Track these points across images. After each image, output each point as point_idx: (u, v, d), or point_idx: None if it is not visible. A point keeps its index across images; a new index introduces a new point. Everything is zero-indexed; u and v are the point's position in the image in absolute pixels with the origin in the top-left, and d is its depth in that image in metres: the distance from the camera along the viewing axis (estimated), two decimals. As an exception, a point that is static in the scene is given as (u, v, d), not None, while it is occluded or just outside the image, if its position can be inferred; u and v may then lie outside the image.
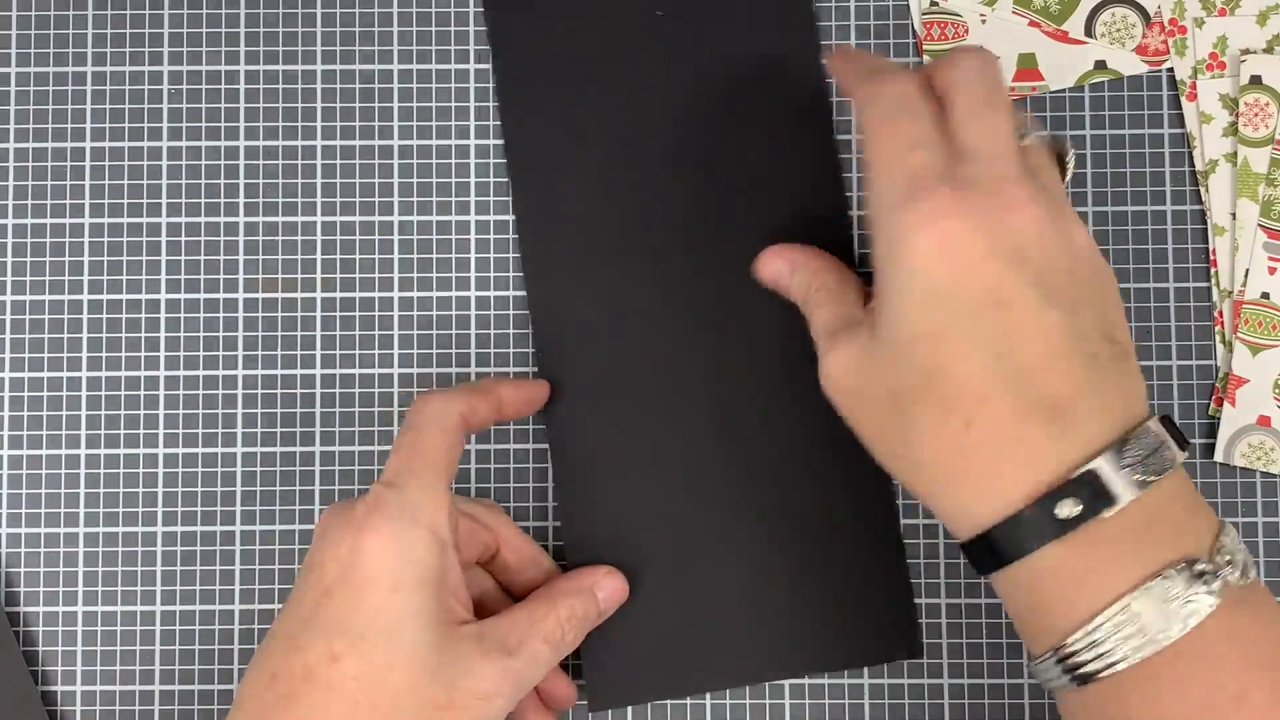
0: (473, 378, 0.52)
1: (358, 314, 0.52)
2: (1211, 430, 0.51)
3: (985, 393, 0.38)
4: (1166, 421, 0.40)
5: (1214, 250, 0.52)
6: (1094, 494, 0.38)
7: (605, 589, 0.48)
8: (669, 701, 0.51)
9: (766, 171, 0.52)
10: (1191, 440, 0.51)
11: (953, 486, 0.39)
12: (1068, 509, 0.37)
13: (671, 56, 0.52)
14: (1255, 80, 0.52)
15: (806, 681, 0.51)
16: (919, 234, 0.39)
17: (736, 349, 0.51)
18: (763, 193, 0.52)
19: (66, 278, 0.53)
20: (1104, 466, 0.38)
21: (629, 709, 0.51)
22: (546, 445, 0.51)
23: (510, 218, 0.53)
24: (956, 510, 0.40)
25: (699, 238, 0.52)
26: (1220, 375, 0.52)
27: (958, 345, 0.39)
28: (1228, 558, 0.38)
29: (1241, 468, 0.51)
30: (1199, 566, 0.37)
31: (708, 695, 0.51)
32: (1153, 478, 0.38)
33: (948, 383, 0.39)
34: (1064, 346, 0.38)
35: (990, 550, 0.39)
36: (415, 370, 0.52)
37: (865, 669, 0.51)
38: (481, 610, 0.48)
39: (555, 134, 0.52)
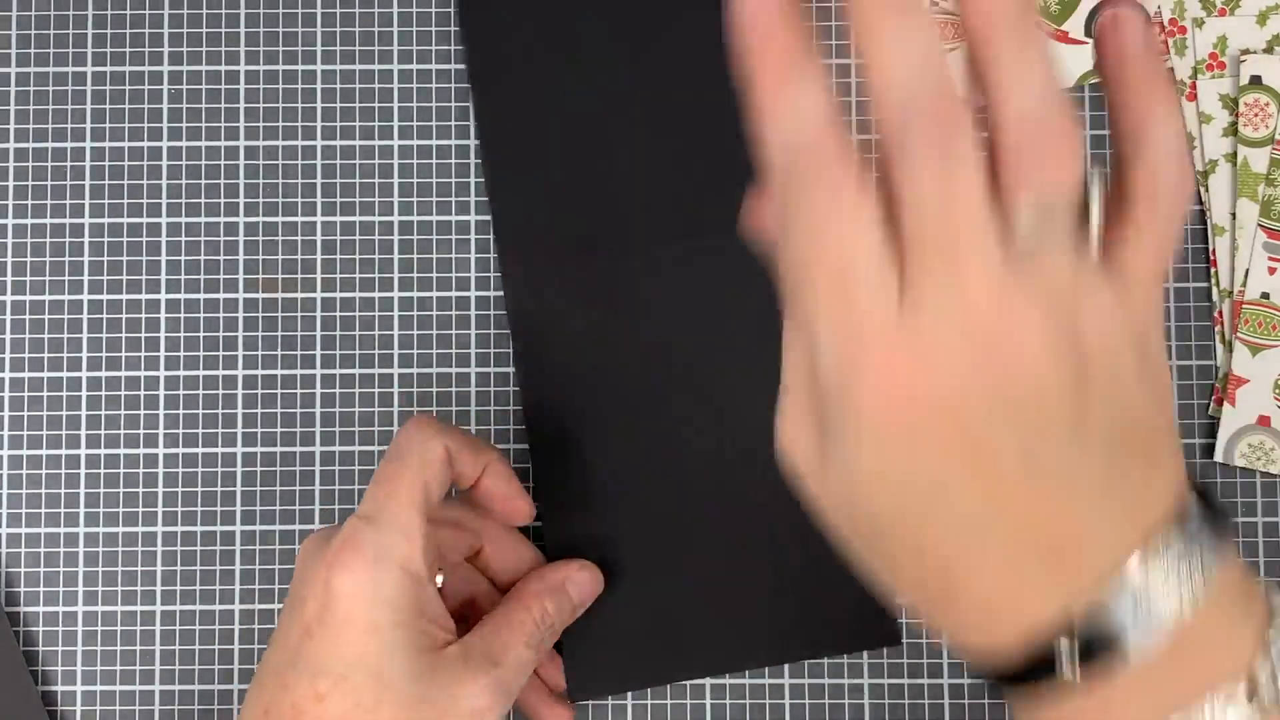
0: (472, 378, 0.52)
1: (358, 314, 0.52)
2: (1211, 430, 0.51)
3: (962, 544, 0.32)
4: (1203, 502, 0.32)
5: (1214, 250, 0.52)
6: (1099, 638, 0.31)
7: (578, 583, 0.48)
8: (669, 702, 0.51)
9: (744, 158, 0.52)
10: (1191, 440, 0.51)
11: (938, 615, 0.34)
12: (1067, 662, 0.31)
13: (646, 42, 0.52)
14: (1255, 80, 0.52)
15: (806, 681, 0.51)
16: (865, 403, 0.31)
17: (715, 340, 0.51)
18: (741, 180, 0.52)
19: (66, 278, 0.53)
20: (1109, 604, 0.31)
21: (628, 708, 0.51)
22: (527, 443, 0.52)
23: (510, 218, 0.53)
24: (948, 632, 0.34)
25: (676, 227, 0.52)
26: (1220, 375, 0.52)
27: (921, 502, 0.32)
28: (1270, 672, 0.32)
29: (1241, 468, 0.51)
30: (1228, 696, 0.31)
31: (707, 695, 0.51)
32: (1172, 610, 0.31)
33: (915, 532, 0.32)
34: (1058, 487, 0.31)
35: (991, 685, 0.34)
36: (415, 370, 0.52)
37: (866, 669, 0.51)
38: (474, 610, 0.48)
39: (529, 122, 0.52)
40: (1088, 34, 0.53)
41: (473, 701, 0.42)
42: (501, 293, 0.53)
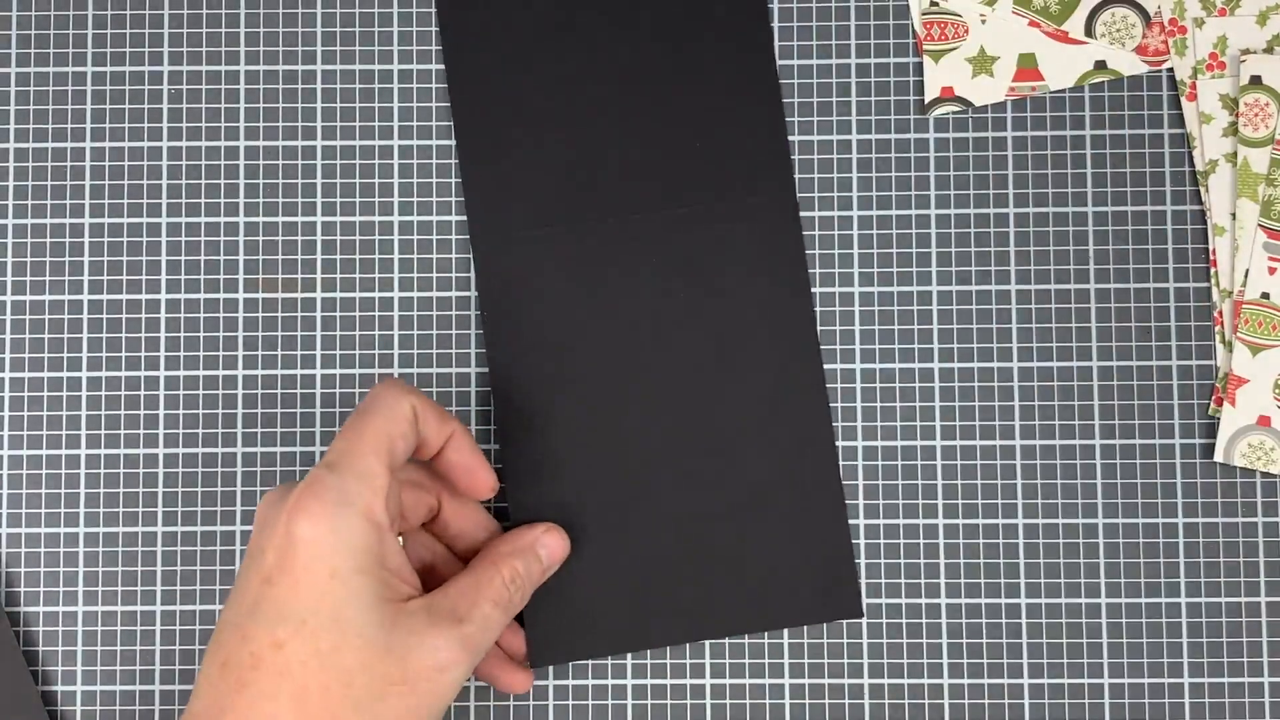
0: (473, 378, 0.52)
1: (358, 314, 0.52)
2: (1211, 430, 0.51)
3: None
4: None
5: (1214, 250, 0.52)
6: None
7: (547, 546, 0.48)
8: (669, 702, 0.51)
9: (714, 132, 0.52)
10: (1191, 440, 0.51)
11: None
12: None
13: (621, 12, 0.53)
14: (1255, 80, 0.52)
15: (807, 681, 0.51)
16: None
17: (684, 314, 0.52)
18: (711, 153, 0.52)
19: (66, 278, 0.53)
20: None
21: (628, 708, 0.51)
22: (497, 427, 0.52)
23: (510, 218, 0.53)
24: None
25: (645, 198, 0.52)
26: (1220, 375, 0.52)
27: None
28: None
29: (1241, 468, 0.51)
30: None
31: (708, 696, 0.51)
32: None
33: None
34: None
35: None
36: (415, 370, 0.52)
37: (866, 669, 0.51)
38: (433, 576, 0.48)
39: (502, 91, 0.52)
40: (1087, 34, 0.53)
41: (437, 655, 0.42)
42: (501, 293, 0.53)
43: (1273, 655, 0.51)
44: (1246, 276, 0.51)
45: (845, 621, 0.51)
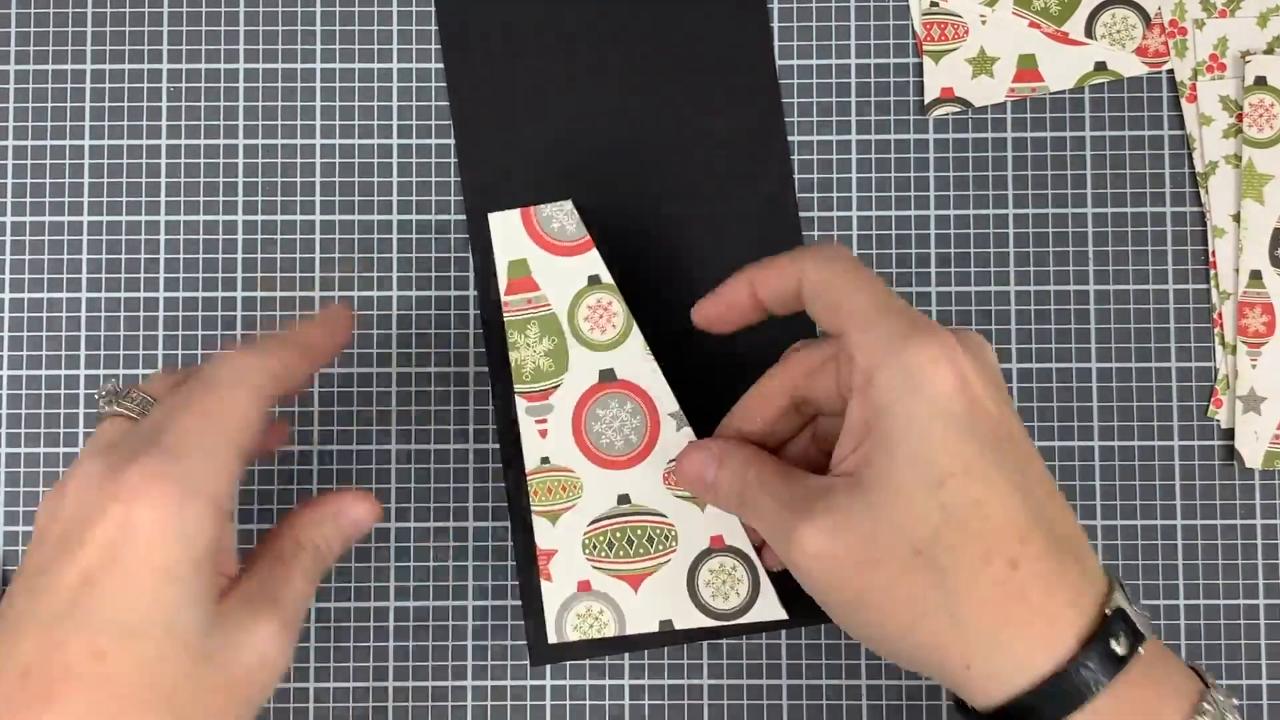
0: (471, 378, 0.52)
1: (357, 314, 0.53)
2: (1210, 432, 0.51)
3: (1023, 530, 0.36)
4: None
5: (1214, 252, 0.52)
6: (1129, 630, 0.36)
7: (352, 515, 0.43)
8: (667, 702, 0.51)
9: (712, 133, 0.52)
10: (1191, 442, 0.51)
11: (1005, 637, 0.36)
12: (1122, 646, 0.36)
13: (618, 17, 0.53)
14: (1260, 81, 0.51)
15: (805, 682, 0.51)
16: (939, 367, 0.37)
17: (684, 310, 0.52)
18: (708, 154, 0.52)
19: (65, 276, 0.53)
20: (1124, 603, 0.37)
21: (625, 708, 0.51)
22: (498, 445, 0.52)
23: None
24: (1009, 665, 0.36)
25: (644, 200, 0.52)
26: (1220, 376, 0.51)
27: (990, 479, 0.36)
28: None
29: (1243, 469, 0.51)
30: (1212, 698, 0.37)
31: (705, 696, 0.51)
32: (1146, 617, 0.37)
33: (985, 521, 0.36)
34: (1054, 486, 0.38)
35: (1051, 701, 0.36)
36: (414, 370, 0.52)
37: (864, 670, 0.51)
38: None
39: (498, 84, 0.53)
40: (1088, 35, 0.52)
41: (261, 649, 0.38)
42: (500, 292, 0.53)
43: (1272, 656, 0.51)
44: (1251, 277, 0.51)
45: (843, 622, 0.51)
